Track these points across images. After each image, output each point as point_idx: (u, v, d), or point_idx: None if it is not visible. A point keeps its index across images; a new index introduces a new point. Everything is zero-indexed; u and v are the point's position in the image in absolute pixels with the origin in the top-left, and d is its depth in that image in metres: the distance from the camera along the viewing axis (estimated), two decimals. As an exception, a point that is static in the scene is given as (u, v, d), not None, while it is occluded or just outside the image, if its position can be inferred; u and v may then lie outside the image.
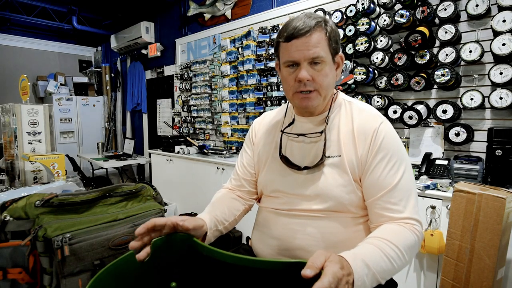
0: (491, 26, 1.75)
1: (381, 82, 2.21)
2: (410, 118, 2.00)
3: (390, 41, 2.15)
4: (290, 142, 0.95)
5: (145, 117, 5.12)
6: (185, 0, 4.04)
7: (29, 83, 2.80)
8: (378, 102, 2.21)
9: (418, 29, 1.97)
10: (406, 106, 2.08)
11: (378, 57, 2.16)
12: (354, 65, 2.28)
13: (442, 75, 1.88)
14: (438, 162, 1.92)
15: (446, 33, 1.90)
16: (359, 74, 2.23)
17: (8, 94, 5.21)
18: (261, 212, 1.01)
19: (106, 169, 4.22)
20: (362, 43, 2.20)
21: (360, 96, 2.30)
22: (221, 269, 0.64)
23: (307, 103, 0.85)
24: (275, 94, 2.91)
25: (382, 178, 0.81)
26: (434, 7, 1.94)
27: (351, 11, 2.27)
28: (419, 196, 1.66)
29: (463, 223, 1.38)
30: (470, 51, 1.81)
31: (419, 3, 2.00)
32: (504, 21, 1.71)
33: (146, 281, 0.66)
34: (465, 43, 1.84)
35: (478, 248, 1.33)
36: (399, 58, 2.07)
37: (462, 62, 1.91)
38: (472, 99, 1.83)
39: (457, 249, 1.39)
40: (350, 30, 2.28)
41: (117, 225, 1.20)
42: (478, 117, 1.91)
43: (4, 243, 1.12)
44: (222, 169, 2.86)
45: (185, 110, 4.03)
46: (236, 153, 3.21)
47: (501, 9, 1.74)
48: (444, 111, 1.93)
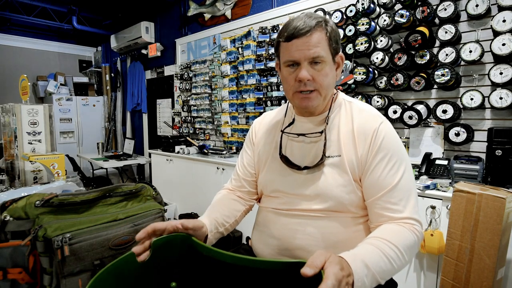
0: (491, 26, 1.75)
1: (381, 82, 2.21)
2: (410, 118, 2.00)
3: (390, 41, 2.15)
4: (290, 142, 0.95)
5: (145, 117, 5.12)
6: (185, 0, 4.04)
7: (29, 83, 2.80)
8: (378, 102, 2.21)
9: (418, 29, 1.97)
10: (406, 106, 2.08)
11: (378, 57, 2.16)
12: (354, 65, 2.28)
13: (442, 75, 1.88)
14: (438, 162, 1.92)
15: (446, 33, 1.90)
16: (359, 74, 2.23)
17: (8, 94, 5.20)
18: (261, 212, 1.01)
19: (106, 169, 4.22)
20: (362, 43, 2.20)
21: (360, 96, 2.30)
22: (221, 269, 0.64)
23: (307, 103, 0.85)
24: (275, 94, 2.91)
25: (382, 178, 0.81)
26: (434, 7, 1.94)
27: (351, 11, 2.27)
28: (419, 196, 1.66)
29: (463, 223, 1.38)
30: (470, 51, 1.82)
31: (419, 3, 2.00)
32: (504, 21, 1.71)
33: (146, 281, 0.66)
34: (465, 43, 1.84)
35: (478, 248, 1.33)
36: (399, 58, 2.06)
37: (462, 62, 1.91)
38: (472, 99, 1.83)
39: (457, 249, 1.39)
40: (350, 30, 2.27)
41: (117, 225, 1.19)
42: (478, 117, 1.91)
43: (4, 243, 1.12)
44: (222, 169, 2.86)
45: (185, 110, 4.03)
46: (236, 153, 3.21)
47: (501, 9, 1.74)
48: (444, 111, 1.93)
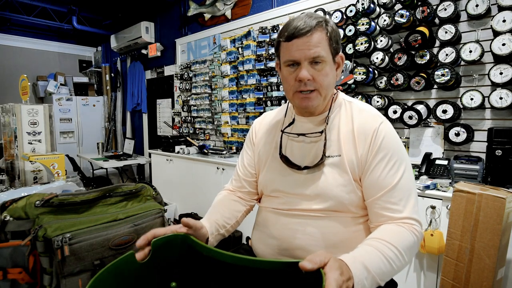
0: (491, 26, 1.75)
1: (381, 82, 2.21)
2: (410, 118, 2.00)
3: (390, 41, 2.15)
4: (290, 142, 0.95)
5: (145, 117, 5.12)
6: (185, 0, 4.04)
7: (29, 83, 2.80)
8: (378, 102, 2.21)
9: (418, 29, 1.96)
10: (406, 106, 2.08)
11: (378, 57, 2.16)
12: (354, 65, 2.28)
13: (442, 75, 1.88)
14: (438, 162, 1.92)
15: (446, 33, 1.90)
16: (359, 74, 2.23)
17: (8, 94, 5.20)
18: (261, 212, 1.01)
19: (106, 169, 4.22)
20: (362, 43, 2.20)
21: (360, 96, 2.30)
22: (221, 269, 0.64)
23: (307, 103, 0.85)
24: (275, 94, 2.91)
25: (382, 178, 0.81)
26: (434, 7, 1.94)
27: (351, 11, 2.27)
28: (419, 196, 1.66)
29: (463, 223, 1.38)
30: (470, 51, 1.82)
31: (419, 3, 2.00)
32: (504, 21, 1.71)
33: (146, 281, 0.66)
34: (465, 43, 1.84)
35: (478, 248, 1.33)
36: (399, 58, 2.06)
37: (462, 62, 1.91)
38: (472, 99, 1.83)
39: (457, 249, 1.39)
40: (350, 30, 2.27)
41: (117, 225, 1.19)
42: (478, 117, 1.91)
43: (4, 243, 1.12)
44: (222, 169, 2.86)
45: (185, 110, 4.03)
46: (236, 153, 3.21)
47: (501, 9, 1.74)
48: (444, 111, 1.93)
